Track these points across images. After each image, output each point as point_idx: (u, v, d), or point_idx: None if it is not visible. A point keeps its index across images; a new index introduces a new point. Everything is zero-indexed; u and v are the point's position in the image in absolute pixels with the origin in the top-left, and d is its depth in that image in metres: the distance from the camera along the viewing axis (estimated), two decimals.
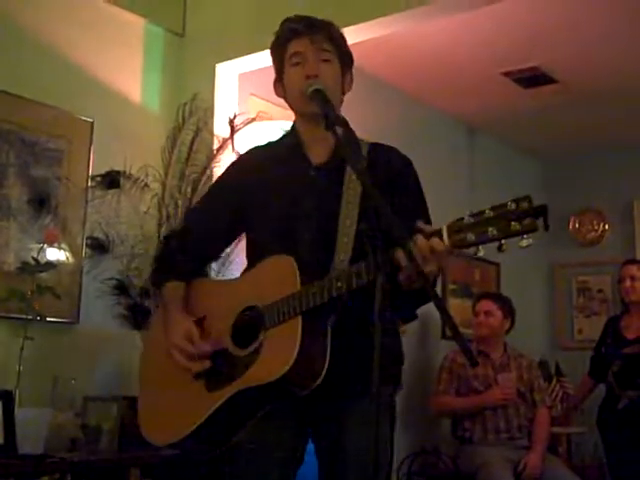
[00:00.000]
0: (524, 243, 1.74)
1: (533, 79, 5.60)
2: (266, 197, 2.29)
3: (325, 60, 2.26)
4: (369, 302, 1.84)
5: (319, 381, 2.02)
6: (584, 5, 4.63)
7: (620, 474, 4.94)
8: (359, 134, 2.18)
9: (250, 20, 4.22)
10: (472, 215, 1.80)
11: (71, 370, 3.56)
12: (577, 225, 7.06)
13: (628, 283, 5.07)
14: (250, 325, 2.17)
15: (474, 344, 5.02)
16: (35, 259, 3.49)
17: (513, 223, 1.73)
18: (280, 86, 2.36)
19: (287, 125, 4.00)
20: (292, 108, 2.36)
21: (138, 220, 3.89)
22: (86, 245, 3.85)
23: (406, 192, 2.30)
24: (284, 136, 2.46)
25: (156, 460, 3.36)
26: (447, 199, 6.09)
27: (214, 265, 3.37)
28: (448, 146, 6.27)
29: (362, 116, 4.91)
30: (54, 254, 3.67)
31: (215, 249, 2.52)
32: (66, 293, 3.66)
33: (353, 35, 4.05)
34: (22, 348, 3.32)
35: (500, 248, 1.77)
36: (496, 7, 4.08)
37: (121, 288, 3.75)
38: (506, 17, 4.71)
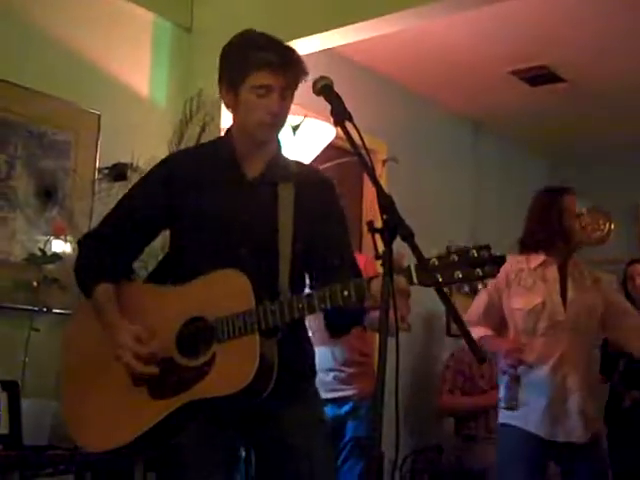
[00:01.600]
0: (480, 286, 1.96)
1: (540, 77, 5.60)
2: (199, 204, 2.28)
3: (285, 96, 2.27)
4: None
5: (266, 394, 2.09)
6: (592, 4, 4.62)
7: (623, 473, 4.93)
8: (365, 132, 2.17)
9: (258, 15, 4.22)
10: (438, 258, 1.92)
11: None
12: (583, 224, 7.03)
13: (638, 281, 5.07)
14: (195, 336, 2.17)
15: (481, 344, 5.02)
16: (42, 250, 3.51)
17: (477, 269, 1.88)
18: (230, 97, 2.30)
19: (293, 120, 4.06)
20: (237, 123, 2.33)
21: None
22: None
23: (335, 219, 2.39)
24: (216, 143, 2.46)
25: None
26: (452, 196, 6.11)
27: None
28: (454, 144, 6.27)
29: (368, 114, 4.93)
30: (61, 246, 3.68)
31: (134, 250, 2.45)
32: (72, 285, 3.60)
33: (358, 32, 4.09)
34: (28, 339, 3.33)
35: (460, 289, 2.02)
36: (504, 5, 4.08)
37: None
38: (514, 15, 4.70)
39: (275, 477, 2.29)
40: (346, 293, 2.01)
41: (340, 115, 2.05)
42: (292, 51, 2.30)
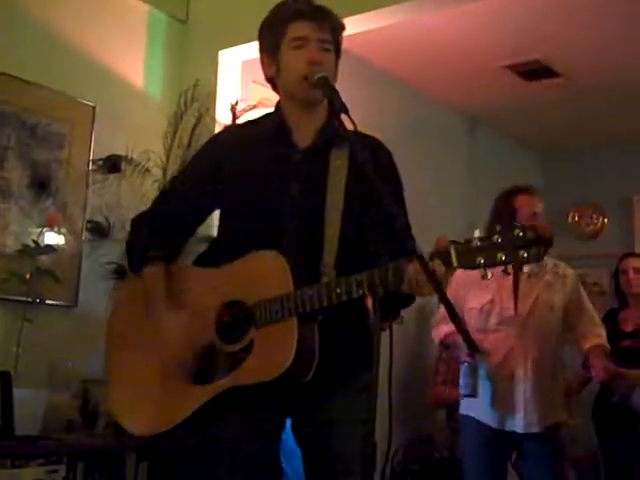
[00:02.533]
0: (525, 269, 1.85)
1: (535, 72, 5.60)
2: (248, 178, 2.23)
3: (325, 49, 2.22)
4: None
5: (309, 378, 2.05)
6: None
7: (613, 467, 4.96)
8: (359, 125, 2.16)
9: (254, 7, 4.16)
10: (480, 239, 1.85)
11: (69, 353, 3.58)
12: (576, 218, 7.07)
13: (631, 275, 5.05)
14: (234, 321, 2.15)
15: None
16: (35, 242, 3.52)
17: (521, 251, 1.80)
18: (272, 65, 2.26)
19: None
20: (282, 89, 2.28)
21: (139, 205, 3.87)
22: (86, 229, 3.87)
23: (391, 187, 2.21)
24: (265, 117, 2.38)
25: (153, 444, 3.38)
26: (447, 190, 6.12)
27: None
28: (449, 138, 6.27)
29: (362, 107, 4.91)
30: (54, 237, 3.69)
31: (186, 229, 2.41)
32: (65, 276, 3.68)
33: (355, 25, 4.07)
34: (21, 330, 3.34)
35: (506, 270, 1.83)
36: None
37: (120, 272, 3.76)
38: (509, 9, 4.71)
39: (313, 460, 2.25)
40: (384, 277, 1.93)
41: (336, 108, 2.04)
42: (325, 7, 2.27)
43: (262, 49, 2.30)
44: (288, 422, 2.30)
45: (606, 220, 6.94)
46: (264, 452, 2.23)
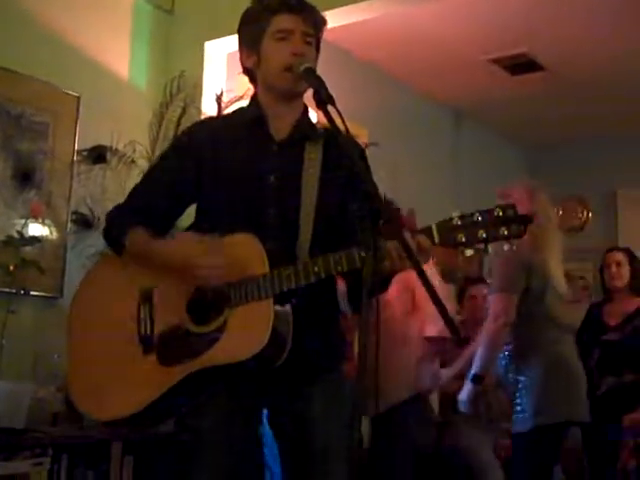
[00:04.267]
0: (506, 247, 1.87)
1: (520, 66, 5.62)
2: (226, 168, 2.23)
3: (308, 43, 2.23)
4: (322, 285, 2.06)
5: (280, 362, 2.04)
6: None
7: (597, 460, 4.97)
8: (342, 111, 2.14)
9: None
10: (461, 217, 1.90)
11: (54, 345, 3.52)
12: (561, 212, 7.09)
13: (614, 269, 5.07)
14: (207, 302, 2.13)
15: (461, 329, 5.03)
16: (19, 233, 3.48)
17: (502, 228, 1.85)
18: (252, 56, 2.26)
19: None
20: (262, 81, 2.28)
21: (124, 196, 3.80)
22: (71, 220, 3.84)
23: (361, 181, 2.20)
24: (242, 109, 2.40)
25: (138, 437, 3.36)
26: (431, 183, 6.12)
27: None
28: (433, 130, 6.28)
29: (346, 100, 4.87)
30: (38, 228, 3.66)
31: (166, 221, 2.36)
32: (50, 268, 3.65)
33: (339, 18, 4.05)
34: (5, 322, 3.31)
35: (486, 249, 1.90)
36: None
37: None
38: (495, 2, 4.72)
39: (291, 459, 2.26)
40: (363, 254, 1.94)
41: (322, 99, 2.03)
42: (308, 1, 2.28)
43: (242, 39, 2.31)
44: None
45: (590, 214, 6.97)
46: (244, 440, 2.23)
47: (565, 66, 5.61)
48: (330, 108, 2.02)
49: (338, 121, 1.99)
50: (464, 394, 3.72)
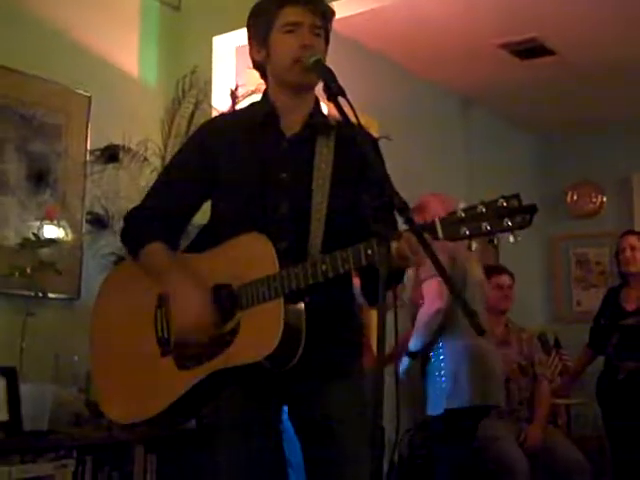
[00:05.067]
0: (511, 239, 1.85)
1: (530, 51, 5.57)
2: (237, 166, 2.24)
3: (317, 34, 2.22)
4: (337, 281, 2.03)
5: (295, 361, 2.04)
6: None
7: (619, 445, 4.96)
8: (352, 103, 2.13)
9: None
10: (464, 210, 1.86)
11: (73, 346, 3.52)
12: (575, 198, 7.06)
13: (628, 253, 5.05)
14: (220, 304, 2.14)
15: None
16: (35, 235, 3.48)
17: (505, 219, 1.81)
18: (261, 50, 2.26)
19: None
20: (272, 75, 2.27)
21: (137, 195, 3.80)
22: (86, 221, 3.83)
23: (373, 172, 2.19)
24: (254, 105, 2.40)
25: (160, 436, 3.36)
26: (443, 171, 6.09)
27: None
28: (444, 119, 6.25)
29: (356, 90, 4.84)
30: (54, 230, 3.65)
31: (183, 220, 2.38)
32: (67, 269, 3.64)
33: (347, 8, 4.02)
34: (24, 325, 3.30)
35: (492, 241, 1.86)
36: None
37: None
38: None
39: (313, 457, 2.25)
40: (370, 252, 1.93)
41: (333, 91, 2.01)
42: None
43: (251, 35, 2.30)
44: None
45: (605, 199, 6.93)
46: (263, 438, 2.23)
47: (575, 50, 5.55)
48: (341, 100, 2.01)
49: (349, 113, 1.97)
50: (402, 367, 4.08)
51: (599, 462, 5.03)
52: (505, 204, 1.82)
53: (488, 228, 1.83)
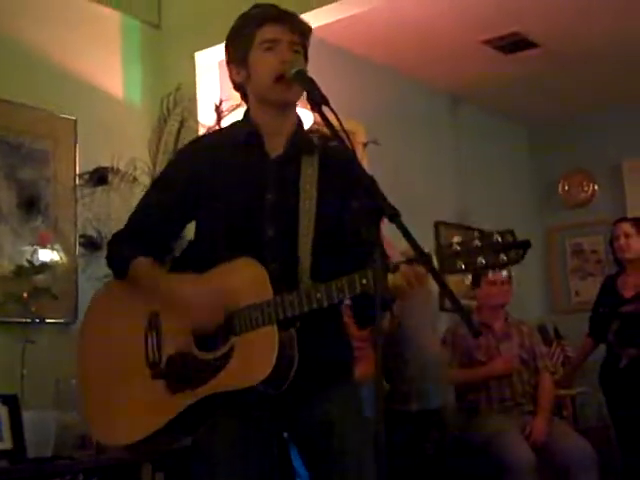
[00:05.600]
0: (504, 273, 1.91)
1: (513, 45, 5.60)
2: (222, 186, 2.23)
3: (296, 51, 2.23)
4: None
5: (287, 384, 2.06)
6: None
7: (625, 432, 4.97)
8: (341, 115, 2.15)
9: (226, 6, 4.16)
10: (459, 243, 1.88)
11: (73, 370, 3.54)
12: (567, 187, 7.07)
13: (622, 240, 5.05)
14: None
15: (475, 315, 5.02)
16: (29, 261, 3.50)
17: (501, 255, 1.84)
18: (241, 71, 2.26)
19: None
20: (254, 94, 2.27)
21: (129, 215, 3.86)
22: (79, 244, 3.84)
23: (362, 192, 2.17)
24: (235, 125, 2.39)
25: (167, 453, 3.36)
26: (434, 171, 6.11)
27: None
28: (433, 118, 6.25)
29: (343, 96, 4.85)
30: (48, 255, 3.66)
31: (166, 242, 2.39)
32: (63, 293, 3.65)
33: (329, 14, 4.05)
34: (24, 351, 3.32)
35: (478, 284, 1.95)
36: None
37: None
38: None
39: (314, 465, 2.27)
40: (364, 281, 1.95)
41: (317, 100, 2.03)
42: (292, 11, 2.29)
43: (230, 57, 2.31)
44: None
45: (597, 187, 6.94)
46: (260, 461, 2.22)
47: (558, 41, 5.57)
48: (325, 109, 2.02)
49: (334, 121, 1.98)
50: None
51: (607, 452, 5.02)
52: (500, 239, 1.85)
53: (483, 263, 1.86)
